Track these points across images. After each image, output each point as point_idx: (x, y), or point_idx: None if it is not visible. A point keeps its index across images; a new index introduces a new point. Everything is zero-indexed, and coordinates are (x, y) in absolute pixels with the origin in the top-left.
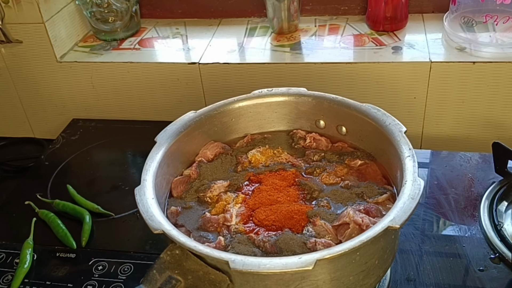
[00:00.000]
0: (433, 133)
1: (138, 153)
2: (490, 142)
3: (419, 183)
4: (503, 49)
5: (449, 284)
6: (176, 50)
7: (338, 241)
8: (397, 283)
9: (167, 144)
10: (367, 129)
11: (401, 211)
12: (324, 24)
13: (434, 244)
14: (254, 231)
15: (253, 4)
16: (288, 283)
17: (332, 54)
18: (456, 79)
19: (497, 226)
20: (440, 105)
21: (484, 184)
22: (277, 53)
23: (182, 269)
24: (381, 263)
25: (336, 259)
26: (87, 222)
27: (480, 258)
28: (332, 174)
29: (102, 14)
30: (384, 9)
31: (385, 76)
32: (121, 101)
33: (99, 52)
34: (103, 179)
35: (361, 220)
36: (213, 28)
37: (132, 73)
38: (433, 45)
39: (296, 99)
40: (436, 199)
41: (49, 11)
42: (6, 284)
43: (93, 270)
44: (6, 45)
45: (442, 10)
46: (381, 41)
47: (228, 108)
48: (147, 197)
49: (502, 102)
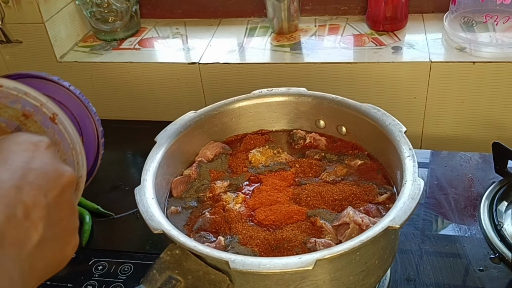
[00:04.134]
0: (433, 133)
1: (138, 153)
2: (490, 142)
3: (419, 183)
4: (503, 49)
5: (449, 284)
6: (176, 50)
7: (338, 241)
8: (397, 283)
9: (167, 144)
10: (367, 129)
11: (401, 211)
12: (324, 24)
13: (434, 244)
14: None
15: (253, 4)
16: (288, 283)
17: (332, 54)
18: (456, 79)
19: (497, 226)
20: (440, 105)
21: (484, 184)
22: (277, 53)
23: (182, 269)
24: (381, 263)
25: (336, 259)
26: (87, 222)
27: (480, 258)
28: (332, 174)
29: (102, 14)
30: (384, 9)
31: (385, 76)
32: (121, 101)
33: (99, 52)
34: (103, 179)
35: (361, 220)
36: (213, 28)
37: (132, 73)
38: (433, 45)
39: (296, 99)
40: (436, 199)
41: (49, 11)
42: None
43: (93, 270)
44: (6, 45)
45: (442, 10)
46: (381, 41)
47: (228, 108)
48: (147, 197)
49: (502, 102)
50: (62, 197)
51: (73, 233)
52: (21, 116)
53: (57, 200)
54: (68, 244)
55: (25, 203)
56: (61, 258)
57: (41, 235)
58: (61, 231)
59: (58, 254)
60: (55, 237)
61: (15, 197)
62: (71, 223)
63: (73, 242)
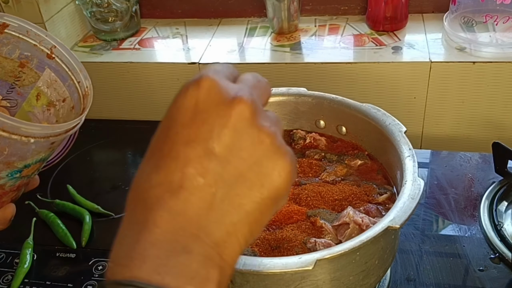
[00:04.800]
0: (433, 133)
1: (138, 153)
2: (490, 142)
3: (419, 183)
4: (503, 49)
5: (449, 284)
6: (176, 50)
7: (338, 241)
8: (397, 283)
9: None
10: (367, 129)
11: (401, 211)
12: (324, 24)
13: (434, 244)
14: None
15: (253, 4)
16: (288, 283)
17: (332, 54)
18: (456, 79)
19: (497, 226)
20: (440, 105)
21: (484, 184)
22: (277, 53)
23: None
24: (381, 263)
25: (336, 259)
26: (87, 222)
27: (480, 258)
28: (332, 174)
29: (102, 14)
30: (384, 9)
31: (385, 76)
32: (121, 101)
33: (99, 52)
34: (103, 179)
35: (361, 220)
36: (213, 28)
37: (132, 73)
38: (433, 45)
39: (296, 99)
40: (436, 199)
41: (49, 11)
42: (6, 284)
43: (93, 270)
44: None
45: (442, 10)
46: (381, 41)
47: None
48: None
49: (502, 102)
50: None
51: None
52: (17, 67)
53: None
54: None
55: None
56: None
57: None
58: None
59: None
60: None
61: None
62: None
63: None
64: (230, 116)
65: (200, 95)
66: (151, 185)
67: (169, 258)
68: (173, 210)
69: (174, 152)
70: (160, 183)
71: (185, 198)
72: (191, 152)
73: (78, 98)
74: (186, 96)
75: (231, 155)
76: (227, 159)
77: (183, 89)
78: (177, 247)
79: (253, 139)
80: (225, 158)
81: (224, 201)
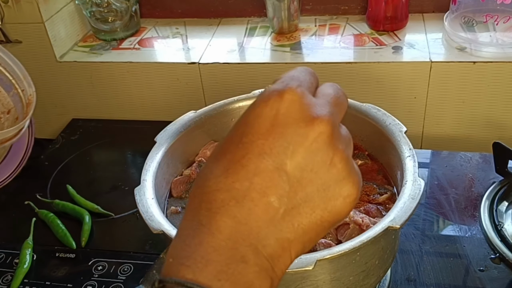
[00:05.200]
0: (433, 133)
1: (138, 153)
2: (490, 142)
3: (420, 183)
4: (504, 49)
5: (450, 284)
6: (176, 50)
7: (338, 241)
8: (397, 283)
9: (167, 144)
10: (367, 129)
11: (401, 211)
12: (324, 24)
13: (435, 244)
14: None
15: (253, 4)
16: (288, 283)
17: (332, 54)
18: (456, 79)
19: (497, 226)
20: (440, 105)
21: (484, 184)
22: (277, 53)
23: None
24: (381, 263)
25: (336, 259)
26: (87, 222)
27: (480, 258)
28: None
29: (101, 14)
30: (384, 8)
31: (385, 76)
32: (121, 101)
33: (99, 52)
34: (103, 179)
35: (361, 220)
36: (213, 28)
37: (132, 73)
38: (433, 45)
39: None
40: (437, 199)
41: (49, 10)
42: (5, 284)
43: (93, 270)
44: (6, 45)
45: (442, 10)
46: (381, 41)
47: (228, 108)
48: (147, 197)
49: (502, 102)
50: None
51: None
52: None
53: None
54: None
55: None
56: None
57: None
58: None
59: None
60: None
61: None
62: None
63: None
64: (307, 136)
65: (282, 108)
66: (218, 188)
67: (228, 265)
68: (237, 218)
69: (246, 160)
70: (228, 189)
71: (250, 208)
72: (263, 164)
73: (22, 107)
74: (267, 105)
75: (301, 175)
76: (297, 178)
77: (265, 97)
78: (236, 255)
79: (326, 162)
80: (295, 177)
81: (285, 218)
